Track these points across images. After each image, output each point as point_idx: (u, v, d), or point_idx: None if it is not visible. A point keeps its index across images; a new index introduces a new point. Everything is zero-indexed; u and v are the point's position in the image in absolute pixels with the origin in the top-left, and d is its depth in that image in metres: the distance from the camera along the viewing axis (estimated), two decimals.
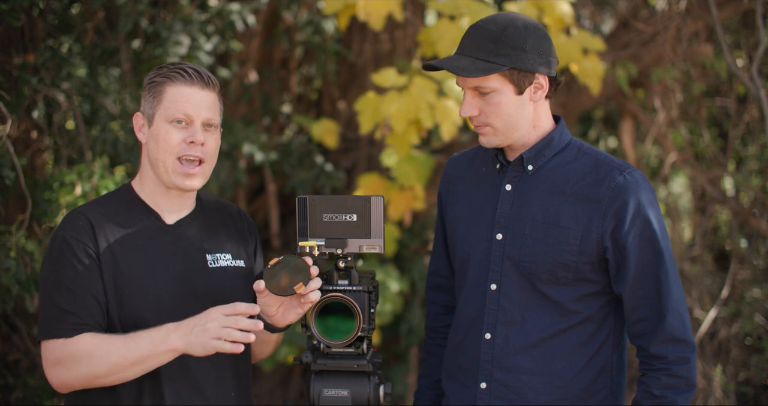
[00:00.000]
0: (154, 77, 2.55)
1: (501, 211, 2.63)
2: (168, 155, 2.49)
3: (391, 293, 4.87)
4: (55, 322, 2.42)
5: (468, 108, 2.57)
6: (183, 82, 2.51)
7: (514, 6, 4.50)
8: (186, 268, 2.53)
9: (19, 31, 3.89)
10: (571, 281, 2.56)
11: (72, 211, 2.57)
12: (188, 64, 2.57)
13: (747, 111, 5.57)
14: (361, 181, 4.68)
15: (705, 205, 5.67)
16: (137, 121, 2.58)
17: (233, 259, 2.62)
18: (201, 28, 4.22)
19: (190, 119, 2.50)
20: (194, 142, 2.48)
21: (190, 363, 2.48)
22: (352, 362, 2.50)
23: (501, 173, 2.68)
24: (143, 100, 2.56)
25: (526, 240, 2.58)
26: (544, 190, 2.60)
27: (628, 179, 2.54)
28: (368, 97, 4.36)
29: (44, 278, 2.48)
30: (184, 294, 2.50)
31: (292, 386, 5.53)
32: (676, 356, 2.52)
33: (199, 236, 2.59)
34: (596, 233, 2.53)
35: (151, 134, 2.52)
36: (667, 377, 2.51)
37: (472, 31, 2.57)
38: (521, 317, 2.60)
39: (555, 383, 2.59)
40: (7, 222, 3.88)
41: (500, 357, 2.61)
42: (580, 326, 2.59)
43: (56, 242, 2.48)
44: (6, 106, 3.67)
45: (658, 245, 2.52)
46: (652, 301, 2.52)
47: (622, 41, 5.04)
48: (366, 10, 4.29)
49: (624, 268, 2.52)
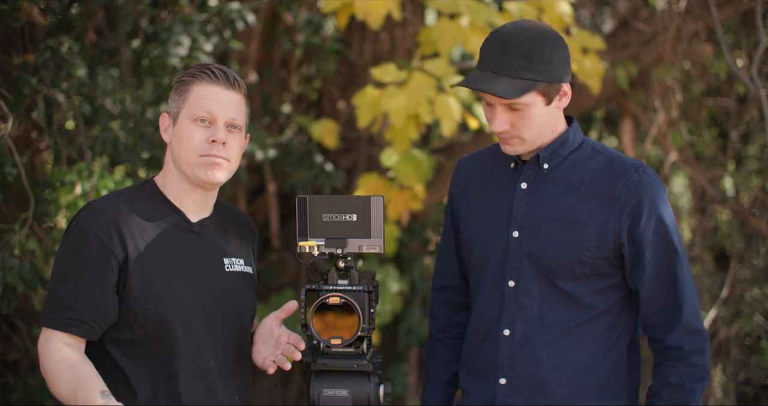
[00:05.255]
0: (181, 77, 2.55)
1: (517, 209, 2.66)
2: (191, 154, 2.48)
3: (391, 293, 4.87)
4: (52, 312, 2.42)
5: (500, 123, 2.58)
6: (209, 81, 2.50)
7: (513, 6, 4.50)
8: (207, 269, 2.54)
9: (19, 30, 3.89)
10: (588, 275, 2.62)
11: (95, 203, 2.53)
12: (216, 65, 2.56)
13: (747, 111, 5.57)
14: (361, 181, 4.68)
15: (705, 205, 5.67)
16: (163, 122, 2.57)
17: (245, 265, 2.64)
18: (201, 29, 4.21)
19: (213, 118, 2.49)
20: (216, 141, 2.47)
21: (207, 366, 2.50)
22: (352, 361, 2.50)
23: (516, 172, 2.70)
24: (170, 100, 2.56)
25: (543, 237, 2.62)
26: (560, 189, 2.64)
27: (643, 177, 2.61)
28: (367, 91, 4.35)
29: (56, 264, 2.47)
30: (204, 296, 2.51)
31: (292, 386, 5.53)
32: (693, 347, 2.59)
33: (218, 238, 2.59)
34: (613, 230, 2.59)
35: (175, 133, 2.52)
36: (684, 366, 2.59)
37: (501, 46, 2.54)
38: (539, 312, 2.64)
39: (571, 376, 2.63)
40: (8, 221, 3.88)
41: (519, 353, 2.65)
42: (596, 320, 2.64)
43: (76, 232, 2.45)
44: (6, 105, 3.67)
45: (672, 241, 2.60)
46: (669, 294, 2.60)
47: (622, 41, 5.04)
48: (364, 9, 4.29)
49: (640, 263, 2.59)
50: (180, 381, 2.47)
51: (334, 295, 2.45)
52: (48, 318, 2.42)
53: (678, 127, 5.43)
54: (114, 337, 2.46)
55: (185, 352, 2.47)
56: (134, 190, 2.59)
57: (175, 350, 2.46)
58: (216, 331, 2.52)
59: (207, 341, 2.51)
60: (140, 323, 2.44)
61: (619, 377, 2.67)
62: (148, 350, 2.46)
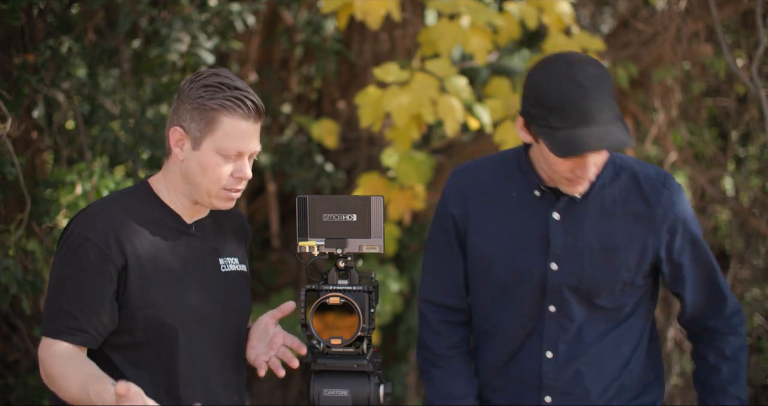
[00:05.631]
0: (207, 100, 2.39)
1: (555, 241, 2.60)
2: (213, 186, 2.43)
3: (391, 293, 4.87)
4: (52, 320, 2.38)
5: (592, 170, 2.49)
6: (241, 115, 2.40)
7: (513, 6, 4.50)
8: (204, 271, 2.52)
9: (19, 31, 3.89)
10: (626, 290, 2.65)
11: (91, 208, 2.48)
12: (246, 92, 2.43)
13: (747, 111, 5.57)
14: (361, 181, 4.68)
15: (705, 205, 5.67)
16: (174, 135, 2.44)
17: (239, 263, 2.62)
18: (201, 28, 4.21)
19: (242, 154, 2.45)
20: (242, 177, 2.45)
21: (207, 367, 2.50)
22: (352, 362, 2.50)
23: (542, 200, 2.62)
24: (187, 116, 2.42)
25: (586, 269, 2.61)
26: (595, 216, 2.61)
27: (671, 190, 2.63)
28: (369, 91, 4.35)
29: (54, 272, 2.43)
30: (203, 299, 2.50)
31: (292, 386, 5.52)
32: (739, 320, 2.74)
33: (214, 238, 2.58)
34: (652, 248, 2.62)
35: (197, 158, 2.43)
36: (735, 337, 2.73)
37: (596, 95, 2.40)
38: (578, 330, 2.66)
39: (612, 380, 2.68)
40: (7, 221, 3.88)
41: (564, 373, 2.67)
42: (625, 321, 2.69)
43: (74, 240, 2.40)
44: (6, 105, 3.67)
45: (703, 243, 2.70)
46: (712, 291, 2.71)
47: (622, 41, 5.03)
48: (363, 9, 4.29)
49: (682, 273, 2.67)
50: (180, 383, 2.46)
51: (334, 295, 2.45)
52: (48, 326, 2.38)
53: (678, 127, 5.42)
54: (114, 342, 2.44)
55: (185, 354, 2.46)
56: (129, 193, 2.54)
57: (176, 352, 2.45)
58: (215, 332, 2.52)
59: (207, 343, 2.50)
60: (140, 327, 2.42)
61: (650, 365, 2.74)
62: (149, 354, 2.45)
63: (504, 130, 4.50)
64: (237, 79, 2.45)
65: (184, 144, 2.44)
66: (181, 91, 2.45)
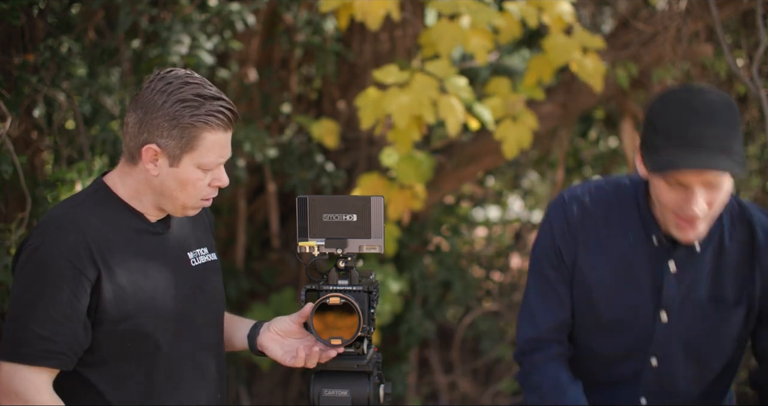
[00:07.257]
0: (188, 118, 2.28)
1: (668, 293, 2.51)
2: (192, 199, 2.39)
3: (391, 293, 4.87)
4: (22, 345, 2.22)
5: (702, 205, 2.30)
6: (220, 127, 2.32)
7: (514, 6, 4.50)
8: (176, 270, 2.46)
9: (19, 30, 3.89)
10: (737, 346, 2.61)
11: (55, 217, 2.32)
12: (222, 100, 2.34)
13: (747, 111, 5.56)
14: (361, 181, 4.68)
15: None
16: (148, 153, 2.32)
17: (209, 252, 2.58)
18: (201, 28, 4.21)
19: (220, 164, 2.40)
20: (221, 185, 2.41)
21: (189, 367, 2.47)
22: (352, 362, 2.50)
23: (659, 248, 2.51)
24: (164, 133, 2.30)
25: (696, 322, 2.53)
26: (710, 270, 2.52)
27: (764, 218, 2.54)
28: (369, 93, 4.35)
29: (20, 289, 2.26)
30: (179, 298, 2.44)
31: (292, 386, 5.52)
32: None
33: (180, 233, 2.51)
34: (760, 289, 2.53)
35: (176, 175, 2.34)
36: None
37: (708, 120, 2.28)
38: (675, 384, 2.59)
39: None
40: (7, 221, 3.88)
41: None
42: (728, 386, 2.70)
43: (39, 254, 2.25)
44: (6, 104, 3.67)
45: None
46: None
47: (622, 41, 5.03)
48: (363, 9, 4.29)
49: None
50: (163, 388, 2.41)
51: (334, 295, 2.45)
52: (18, 352, 2.22)
53: None
54: (88, 360, 2.33)
55: (165, 360, 2.41)
56: (90, 197, 2.40)
57: (156, 361, 2.40)
58: (195, 330, 2.48)
59: (187, 343, 2.46)
60: (117, 342, 2.33)
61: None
62: (128, 367, 2.37)
63: (504, 129, 4.51)
64: (207, 84, 2.35)
65: (158, 160, 2.34)
66: (149, 103, 2.30)
